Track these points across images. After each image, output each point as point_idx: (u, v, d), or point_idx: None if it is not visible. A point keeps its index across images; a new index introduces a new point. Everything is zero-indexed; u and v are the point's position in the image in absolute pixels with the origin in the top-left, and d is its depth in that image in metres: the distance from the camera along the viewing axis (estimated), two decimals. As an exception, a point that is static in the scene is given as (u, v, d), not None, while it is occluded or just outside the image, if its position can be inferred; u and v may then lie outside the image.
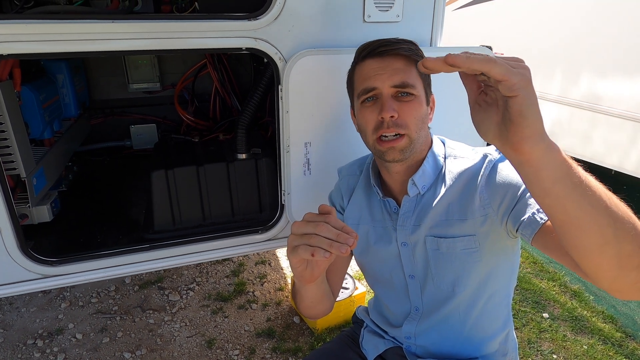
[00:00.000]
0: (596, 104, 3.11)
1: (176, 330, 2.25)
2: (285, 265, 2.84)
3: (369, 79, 0.97)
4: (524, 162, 0.60)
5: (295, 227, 0.75)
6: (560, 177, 0.59)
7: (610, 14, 2.93)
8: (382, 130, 0.95)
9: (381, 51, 0.95)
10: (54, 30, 1.10)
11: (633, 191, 3.90)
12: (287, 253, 0.78)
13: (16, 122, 1.40)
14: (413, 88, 0.95)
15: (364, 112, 0.99)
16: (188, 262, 1.48)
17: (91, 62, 2.36)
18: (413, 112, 0.95)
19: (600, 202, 0.60)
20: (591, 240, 0.61)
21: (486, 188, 0.93)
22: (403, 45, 0.96)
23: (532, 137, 0.58)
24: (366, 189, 1.12)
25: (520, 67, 0.57)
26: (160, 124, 2.46)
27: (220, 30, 1.22)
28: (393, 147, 0.95)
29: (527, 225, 0.83)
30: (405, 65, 0.95)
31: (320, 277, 0.89)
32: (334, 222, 0.72)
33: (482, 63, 0.55)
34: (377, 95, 0.96)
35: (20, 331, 2.23)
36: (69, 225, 1.65)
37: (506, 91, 0.56)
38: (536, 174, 0.60)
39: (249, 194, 1.64)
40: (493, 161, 0.94)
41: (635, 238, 0.60)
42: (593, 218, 0.60)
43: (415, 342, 1.11)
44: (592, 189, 0.60)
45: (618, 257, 0.60)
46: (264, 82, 1.55)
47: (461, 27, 4.34)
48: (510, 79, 0.55)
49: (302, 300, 1.03)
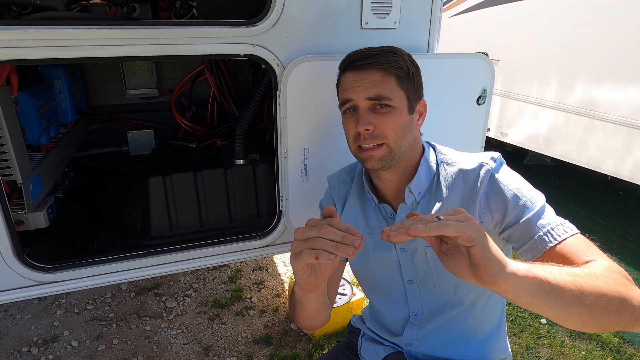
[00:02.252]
0: (592, 110, 3.13)
1: (173, 337, 2.23)
2: (283, 271, 2.83)
3: (346, 91, 0.99)
4: (503, 291, 0.68)
5: (298, 233, 0.74)
6: (536, 291, 0.68)
7: (606, 21, 2.95)
8: (360, 142, 0.97)
9: (357, 65, 0.97)
10: (52, 36, 1.10)
11: (629, 197, 3.92)
12: (291, 261, 0.76)
13: (13, 127, 1.39)
14: (389, 100, 0.95)
15: (346, 122, 1.02)
16: (185, 268, 1.47)
17: (89, 67, 2.36)
18: (391, 124, 0.96)
19: (573, 296, 0.69)
20: (573, 324, 0.72)
21: (485, 201, 0.93)
22: (380, 58, 0.96)
23: (500, 272, 0.66)
24: (360, 196, 1.12)
25: (466, 218, 0.66)
26: (157, 130, 2.46)
27: (218, 37, 1.23)
28: (372, 156, 0.97)
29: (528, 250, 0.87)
30: (381, 77, 0.96)
31: (322, 285, 0.88)
32: (338, 225, 0.71)
33: (438, 229, 0.64)
34: (354, 106, 0.99)
35: (15, 339, 2.20)
36: (65, 231, 1.64)
37: (465, 242, 0.65)
38: (517, 297, 0.68)
39: (247, 200, 1.64)
40: (490, 171, 0.94)
41: (609, 311, 0.70)
42: (570, 312, 0.69)
43: (415, 348, 1.11)
44: (563, 288, 0.69)
45: (599, 327, 0.72)
46: (261, 88, 1.55)
47: (458, 33, 4.37)
48: (465, 232, 0.64)
49: (302, 311, 0.99)
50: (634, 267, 2.90)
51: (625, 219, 3.56)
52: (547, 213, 0.88)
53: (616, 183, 3.20)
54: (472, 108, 1.51)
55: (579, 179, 4.25)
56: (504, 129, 4.03)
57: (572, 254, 0.81)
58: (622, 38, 2.86)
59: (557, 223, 0.86)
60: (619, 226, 3.44)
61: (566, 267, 0.73)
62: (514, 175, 0.94)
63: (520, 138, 3.89)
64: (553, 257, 0.82)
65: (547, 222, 0.86)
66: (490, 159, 0.96)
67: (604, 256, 0.81)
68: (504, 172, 0.95)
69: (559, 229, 0.85)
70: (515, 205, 0.89)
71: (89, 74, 2.38)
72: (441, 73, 1.43)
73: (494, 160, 0.96)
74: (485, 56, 1.48)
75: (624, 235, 3.31)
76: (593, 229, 3.37)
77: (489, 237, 0.67)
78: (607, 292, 0.70)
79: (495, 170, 0.94)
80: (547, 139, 3.58)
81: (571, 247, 0.82)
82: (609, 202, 3.84)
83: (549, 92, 3.46)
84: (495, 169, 0.94)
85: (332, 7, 1.30)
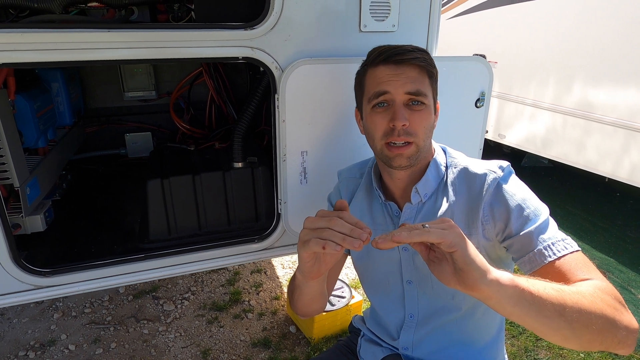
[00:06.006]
0: (590, 112, 3.14)
1: (171, 340, 2.22)
2: (281, 274, 2.82)
3: (382, 84, 0.96)
4: (486, 297, 0.70)
5: (308, 222, 0.76)
6: (517, 300, 0.70)
7: (603, 23, 2.97)
8: (392, 138, 0.95)
9: (397, 59, 0.95)
10: (50, 39, 1.10)
11: (626, 198, 3.93)
12: (298, 247, 0.79)
13: (10, 130, 1.39)
14: (425, 97, 0.96)
15: (374, 117, 0.98)
16: (184, 271, 1.47)
17: (86, 70, 2.36)
18: (423, 122, 0.96)
19: (555, 310, 0.70)
20: (553, 338, 0.73)
21: (489, 209, 0.93)
22: (418, 55, 0.96)
23: (482, 277, 0.68)
24: (367, 192, 1.12)
25: (449, 226, 0.69)
26: (155, 132, 2.45)
27: (216, 40, 1.23)
28: (401, 154, 0.96)
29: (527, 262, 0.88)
30: (418, 74, 0.96)
31: (324, 274, 0.91)
32: (348, 218, 0.74)
33: (420, 236, 0.68)
34: (388, 101, 0.96)
35: (12, 343, 2.19)
36: (63, 235, 1.63)
37: (447, 248, 0.68)
38: (499, 304, 0.71)
39: (245, 203, 1.63)
40: (497, 179, 0.94)
41: (591, 330, 0.71)
42: (550, 325, 0.71)
43: (412, 352, 1.11)
44: (545, 301, 0.70)
45: (580, 344, 0.73)
46: (260, 91, 1.55)
47: (456, 35, 4.38)
48: (445, 239, 0.67)
49: (300, 297, 1.02)
50: (631, 269, 2.91)
51: (622, 220, 3.57)
52: (550, 227, 0.89)
53: (613, 185, 3.21)
54: (470, 111, 1.51)
55: (577, 181, 4.26)
56: (502, 131, 4.05)
57: (568, 271, 0.82)
58: (619, 40, 2.87)
59: (558, 239, 0.86)
60: (616, 228, 3.45)
61: (553, 283, 0.74)
62: (520, 186, 0.94)
63: (518, 140, 3.90)
64: (550, 272, 0.83)
65: (549, 237, 0.86)
66: (498, 168, 0.96)
67: (601, 277, 0.81)
68: (511, 183, 0.94)
69: (560, 244, 0.85)
70: (518, 216, 0.89)
71: (86, 77, 2.37)
72: (440, 76, 1.43)
73: (502, 169, 0.96)
74: (484, 59, 1.49)
75: (621, 236, 3.32)
76: (590, 231, 3.38)
77: (470, 244, 0.70)
78: (591, 311, 0.71)
79: (503, 179, 0.94)
80: (545, 140, 3.59)
81: (569, 264, 0.83)
82: (607, 204, 3.85)
83: (546, 94, 3.47)
84: (503, 178, 0.94)
85: (331, 10, 1.30)
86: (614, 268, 2.93)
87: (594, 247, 3.17)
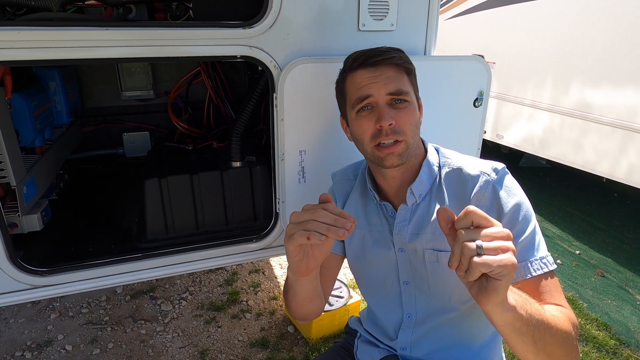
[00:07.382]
0: (587, 113, 3.15)
1: (168, 340, 2.22)
2: (279, 274, 2.82)
3: (363, 88, 0.97)
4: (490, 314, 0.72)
5: (293, 217, 0.77)
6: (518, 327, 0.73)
7: (600, 24, 2.98)
8: (381, 138, 0.96)
9: (374, 61, 0.97)
10: (47, 37, 1.09)
11: (624, 199, 3.95)
12: (285, 242, 0.79)
13: (7, 129, 1.38)
14: (407, 95, 0.97)
15: (360, 121, 0.99)
16: (181, 271, 1.46)
17: (84, 69, 2.35)
18: (409, 119, 0.97)
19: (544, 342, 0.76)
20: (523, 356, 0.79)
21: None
22: (393, 54, 0.97)
23: (498, 305, 0.70)
24: (362, 193, 1.12)
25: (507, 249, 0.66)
26: (153, 132, 2.45)
27: (214, 38, 1.22)
28: (392, 153, 0.96)
29: None
30: (396, 73, 0.97)
31: (315, 270, 0.91)
32: (332, 209, 0.75)
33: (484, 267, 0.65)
34: (372, 104, 0.97)
35: (8, 343, 2.18)
36: (60, 234, 1.63)
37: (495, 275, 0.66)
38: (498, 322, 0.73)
39: (243, 203, 1.63)
40: (490, 182, 0.94)
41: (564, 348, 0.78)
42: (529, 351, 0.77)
43: (410, 352, 1.10)
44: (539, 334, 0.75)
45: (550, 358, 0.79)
46: (258, 90, 1.54)
47: (455, 36, 4.39)
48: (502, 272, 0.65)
49: (294, 297, 1.01)
50: (629, 269, 2.92)
51: (620, 220, 3.58)
52: (536, 240, 0.91)
53: (611, 185, 3.22)
54: (469, 110, 1.51)
55: (575, 181, 4.27)
56: (500, 132, 4.05)
57: (541, 292, 0.88)
58: (617, 41, 2.88)
59: (536, 257, 0.89)
60: (614, 228, 3.46)
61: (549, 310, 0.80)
62: (512, 192, 0.94)
63: (516, 140, 3.91)
64: (525, 287, 0.87)
65: (529, 253, 0.89)
66: (492, 170, 0.96)
67: (566, 302, 0.88)
68: (504, 187, 0.94)
69: (536, 264, 0.89)
70: (511, 227, 0.88)
71: (84, 76, 2.36)
72: (438, 75, 1.44)
73: (496, 172, 0.95)
74: (482, 58, 1.49)
75: (618, 237, 3.33)
76: (588, 231, 3.39)
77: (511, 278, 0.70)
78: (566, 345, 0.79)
79: (497, 182, 0.94)
80: (543, 141, 3.60)
81: (542, 286, 0.89)
82: (604, 204, 3.86)
83: (544, 95, 3.48)
84: (497, 182, 0.94)
85: (329, 9, 1.29)
86: (611, 268, 2.93)
87: (592, 248, 3.17)
